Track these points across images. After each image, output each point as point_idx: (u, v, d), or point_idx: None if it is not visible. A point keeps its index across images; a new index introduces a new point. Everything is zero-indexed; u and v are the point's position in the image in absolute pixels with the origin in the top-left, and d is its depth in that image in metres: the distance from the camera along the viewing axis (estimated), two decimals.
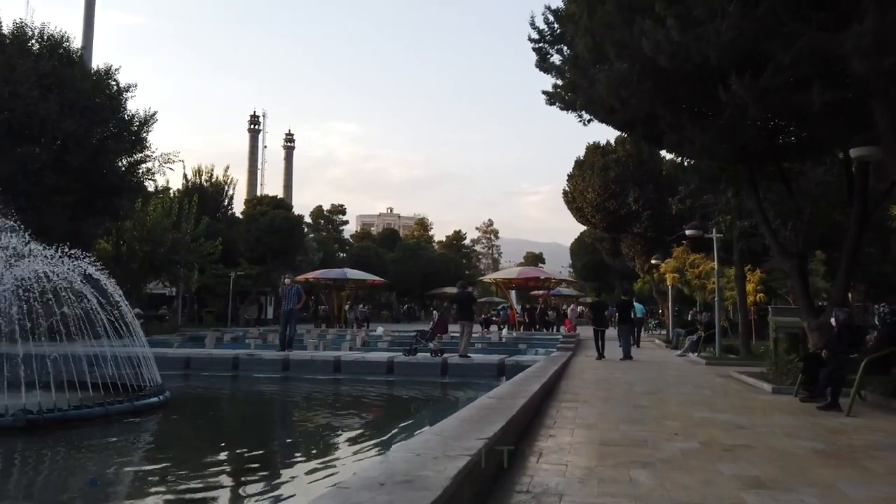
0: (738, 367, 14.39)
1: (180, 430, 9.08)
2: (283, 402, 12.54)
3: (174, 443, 8.46)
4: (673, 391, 9.89)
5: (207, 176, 44.13)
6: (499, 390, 7.05)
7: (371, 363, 14.57)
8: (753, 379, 10.99)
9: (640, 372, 13.20)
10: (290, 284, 16.72)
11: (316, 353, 15.40)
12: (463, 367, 14.38)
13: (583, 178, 28.08)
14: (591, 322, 18.61)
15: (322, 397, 12.62)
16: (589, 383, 10.88)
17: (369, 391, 13.10)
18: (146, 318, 31.74)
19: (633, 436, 5.96)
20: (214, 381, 14.03)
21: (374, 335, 24.63)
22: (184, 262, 30.48)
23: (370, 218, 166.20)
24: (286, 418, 10.97)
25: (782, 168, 12.66)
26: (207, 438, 8.66)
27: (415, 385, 13.74)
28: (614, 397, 9.01)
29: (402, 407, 11.89)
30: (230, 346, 21.05)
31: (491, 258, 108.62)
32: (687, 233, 17.06)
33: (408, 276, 59.14)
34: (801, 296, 11.57)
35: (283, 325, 16.62)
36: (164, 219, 29.84)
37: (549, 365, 11.79)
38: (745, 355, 17.22)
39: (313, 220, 79.47)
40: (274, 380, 14.18)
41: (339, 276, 34.70)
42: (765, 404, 8.54)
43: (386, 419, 10.26)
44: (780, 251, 11.93)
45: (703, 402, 8.59)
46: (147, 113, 26.10)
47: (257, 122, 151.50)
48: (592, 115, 10.56)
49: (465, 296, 15.97)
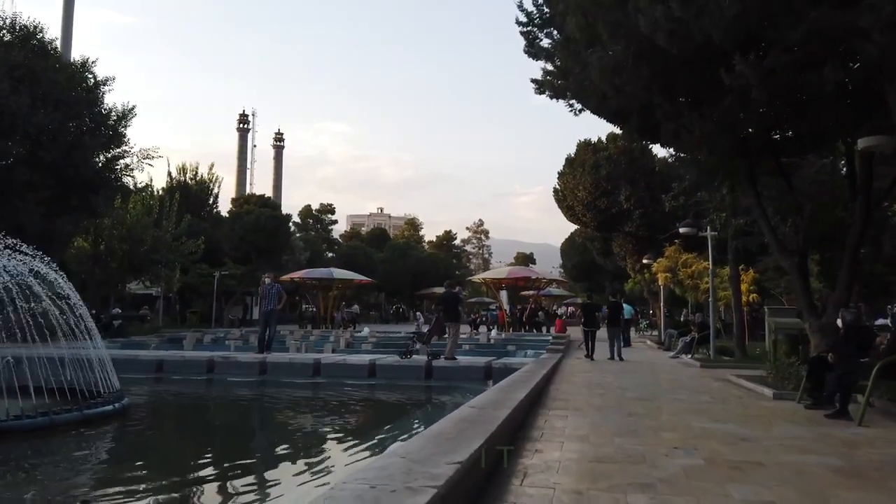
0: (734, 370, 13.86)
1: (131, 443, 8.18)
2: (253, 409, 11.77)
3: (119, 458, 7.46)
4: (668, 397, 9.30)
5: (192, 174, 43.37)
6: (481, 398, 6.42)
7: (352, 366, 13.92)
8: (752, 383, 10.43)
9: (632, 375, 12.63)
10: (270, 284, 16.05)
11: (295, 356, 14.71)
12: (448, 370, 13.75)
13: (574, 176, 27.51)
14: (582, 323, 18.64)
15: (298, 403, 11.94)
16: (580, 388, 10.28)
17: (349, 396, 12.44)
18: (126, 319, 31.00)
19: (629, 450, 5.36)
20: (186, 386, 13.33)
21: (360, 336, 23.96)
22: (165, 262, 29.68)
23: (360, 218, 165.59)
24: (250, 429, 10.06)
25: (781, 163, 12.13)
26: (159, 454, 7.76)
27: (397, 389, 13.10)
28: (607, 404, 8.41)
29: (380, 414, 11.20)
30: (209, 348, 20.32)
31: (481, 258, 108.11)
32: (681, 231, 16.51)
33: (397, 277, 58.43)
34: (801, 295, 11.02)
35: (262, 326, 15.94)
36: (144, 217, 29.05)
37: (537, 368, 11.19)
38: (740, 357, 16.71)
39: (302, 219, 78.63)
40: (249, 384, 13.49)
41: (326, 275, 33.95)
42: (768, 412, 7.96)
43: (359, 430, 9.50)
44: (779, 249, 11.38)
45: (701, 410, 8.01)
46: (125, 107, 25.30)
47: (246, 121, 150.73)
48: (584, 103, 9.97)
49: (451, 296, 15.33)
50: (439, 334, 15.63)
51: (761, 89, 6.76)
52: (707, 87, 8.54)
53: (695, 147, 8.46)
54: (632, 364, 15.74)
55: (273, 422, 10.35)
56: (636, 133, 10.88)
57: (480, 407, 5.74)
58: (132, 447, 7.97)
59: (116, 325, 26.83)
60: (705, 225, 16.99)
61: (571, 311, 58.11)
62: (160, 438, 8.57)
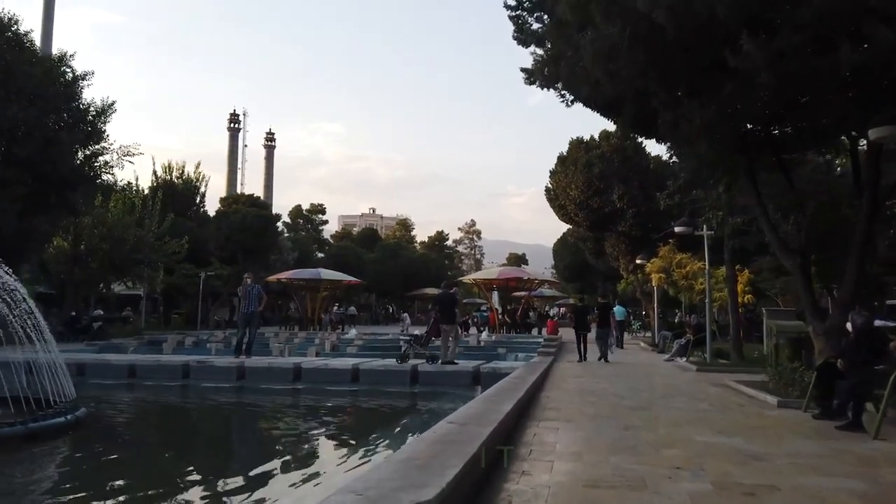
0: (732, 375, 13.32)
1: (79, 464, 7.12)
2: (224, 419, 11.02)
3: (63, 482, 6.43)
4: (666, 405, 8.74)
5: (178, 173, 42.58)
6: (463, 412, 5.83)
7: (334, 371, 13.29)
8: (754, 390, 9.89)
9: (627, 381, 12.07)
10: (251, 284, 15.41)
11: (274, 360, 14.07)
12: (434, 375, 13.15)
13: (566, 174, 26.96)
14: (573, 325, 18.81)
15: (275, 411, 11.28)
16: (572, 395, 9.71)
17: (328, 403, 11.82)
18: (108, 321, 30.22)
19: (627, 471, 4.78)
20: (158, 393, 12.67)
21: (346, 339, 23.33)
22: (148, 262, 28.92)
23: (352, 218, 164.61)
24: (216, 445, 9.17)
25: (782, 159, 11.60)
26: (110, 474, 6.71)
27: (381, 395, 12.50)
28: (601, 414, 7.83)
29: (358, 424, 10.48)
30: (189, 351, 19.64)
31: (473, 259, 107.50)
32: (676, 230, 15.97)
33: (388, 277, 57.73)
34: (804, 297, 10.50)
35: (241, 328, 15.28)
36: (126, 216, 28.28)
37: (527, 374, 10.61)
38: (737, 361, 16.20)
39: (292, 219, 77.82)
40: (225, 390, 12.84)
41: (313, 276, 33.24)
42: (773, 422, 7.40)
43: (331, 446, 8.77)
44: (780, 248, 10.85)
45: (702, 421, 7.44)
46: (105, 102, 24.58)
47: (237, 121, 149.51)
48: (575, 93, 9.40)
49: (447, 297, 14.71)
50: (436, 336, 15.03)
51: (769, 73, 6.21)
52: (707, 76, 7.99)
53: (695, 138, 7.90)
54: (626, 368, 15.20)
55: (242, 435, 9.66)
56: (630, 126, 10.31)
57: (461, 423, 5.14)
58: (79, 468, 7.01)
59: (96, 327, 26.09)
60: (701, 224, 16.47)
61: (563, 311, 57.67)
62: (114, 457, 7.60)
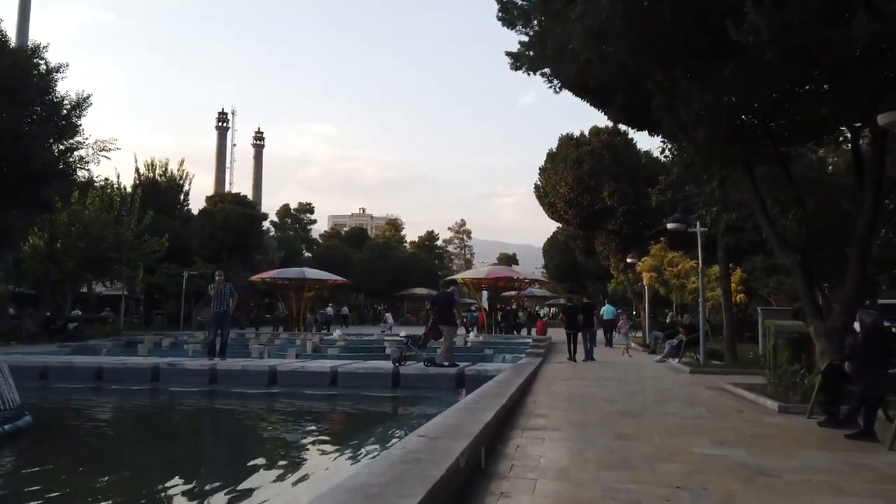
0: (727, 377, 12.82)
1: (9, 485, 6.24)
2: (184, 427, 10.24)
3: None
4: (660, 411, 8.16)
5: (162, 170, 41.73)
6: (437, 423, 5.21)
7: (312, 374, 12.64)
8: (752, 394, 9.34)
9: (618, 384, 11.50)
10: (223, 283, 14.74)
11: (248, 363, 13.40)
12: (417, 378, 12.53)
13: (555, 171, 26.40)
14: (564, 325, 19.12)
15: (241, 418, 10.59)
16: (560, 400, 9.12)
17: (302, 408, 11.17)
18: (86, 321, 29.38)
19: (620, 492, 4.19)
20: (123, 397, 11.98)
21: (329, 339, 22.66)
22: (126, 260, 28.11)
23: (342, 218, 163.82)
24: (172, 457, 8.10)
25: (780, 151, 11.07)
26: (34, 496, 5.76)
27: (360, 400, 11.87)
28: (590, 421, 7.25)
29: (330, 432, 9.74)
30: (165, 353, 18.96)
31: (463, 259, 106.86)
32: (668, 226, 15.44)
33: (376, 277, 57.06)
34: (805, 295, 9.95)
35: (213, 329, 14.60)
36: (103, 213, 27.46)
37: (513, 377, 10.01)
38: (730, 362, 15.70)
39: (280, 219, 77.06)
40: (194, 395, 12.16)
41: (298, 275, 32.49)
42: (777, 431, 6.84)
43: (293, 459, 7.98)
44: (779, 244, 10.30)
45: (701, 429, 6.87)
46: (80, 96, 23.78)
47: (226, 120, 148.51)
48: (563, 77, 8.81)
49: (445, 297, 14.00)
50: (435, 338, 14.31)
51: (775, 48, 5.64)
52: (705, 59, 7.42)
53: (692, 125, 7.33)
54: (617, 369, 14.65)
55: (204, 445, 8.97)
56: (621, 115, 9.72)
57: (432, 437, 4.53)
58: (10, 491, 6.08)
59: (72, 327, 25.28)
60: (694, 220, 15.94)
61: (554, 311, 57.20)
62: (53, 473, 6.65)
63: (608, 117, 11.03)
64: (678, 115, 7.39)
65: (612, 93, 9.25)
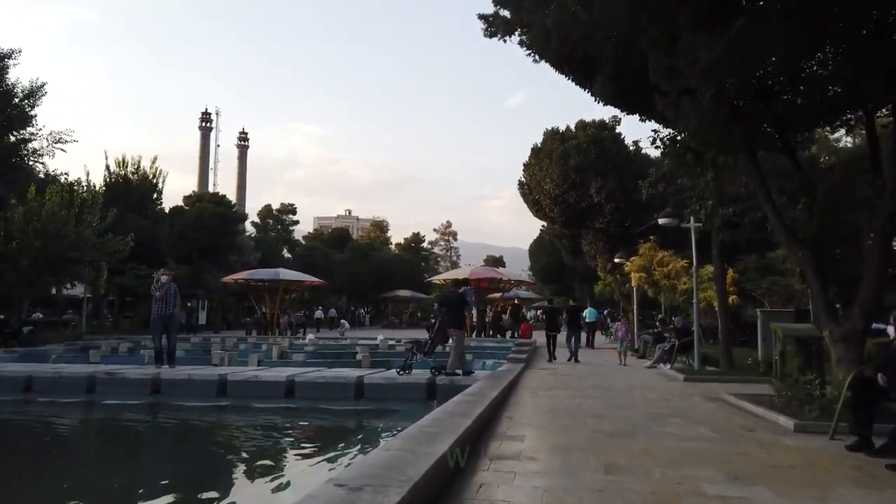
0: (725, 385, 11.68)
1: None
2: (100, 449, 8.80)
3: None
4: (657, 430, 6.94)
5: (134, 168, 40.15)
6: (368, 461, 3.94)
7: (266, 384, 11.30)
8: (760, 408, 8.17)
9: (606, 394, 10.29)
10: (168, 283, 13.41)
11: (196, 371, 12.04)
12: (383, 388, 11.23)
13: (540, 167, 25.20)
14: (545, 327, 19.49)
15: (172, 440, 9.21)
16: (541, 415, 7.89)
17: (250, 423, 9.85)
18: (43, 325, 27.79)
19: None
20: (49, 410, 10.59)
21: (298, 344, 21.29)
22: (89, 260, 26.53)
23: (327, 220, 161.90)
24: (69, 484, 6.81)
25: (785, 135, 9.94)
26: None
27: (318, 413, 10.57)
28: (575, 445, 6.02)
29: (276, 456, 8.29)
30: (120, 359, 17.59)
31: (449, 261, 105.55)
32: (660, 222, 14.30)
33: (359, 279, 55.58)
34: (817, 296, 8.82)
35: (157, 333, 13.22)
36: (63, 210, 25.86)
37: (488, 389, 8.77)
38: (726, 368, 14.56)
39: (261, 219, 75.34)
40: (131, 408, 10.81)
41: (272, 276, 31.02)
42: (802, 459, 5.63)
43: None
44: (787, 238, 9.18)
45: (707, 455, 5.66)
46: (34, 84, 22.36)
47: (209, 120, 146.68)
48: (542, 41, 7.60)
49: (455, 297, 12.37)
50: (443, 343, 12.73)
51: None
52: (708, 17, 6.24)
53: (697, 84, 6.13)
54: (604, 376, 13.46)
55: (110, 474, 7.53)
56: (609, 89, 8.51)
57: (353, 486, 3.24)
58: None
59: (27, 331, 23.76)
60: (688, 215, 14.79)
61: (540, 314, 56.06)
62: None
63: (594, 95, 9.82)
64: (678, 78, 6.19)
65: (598, 63, 8.06)
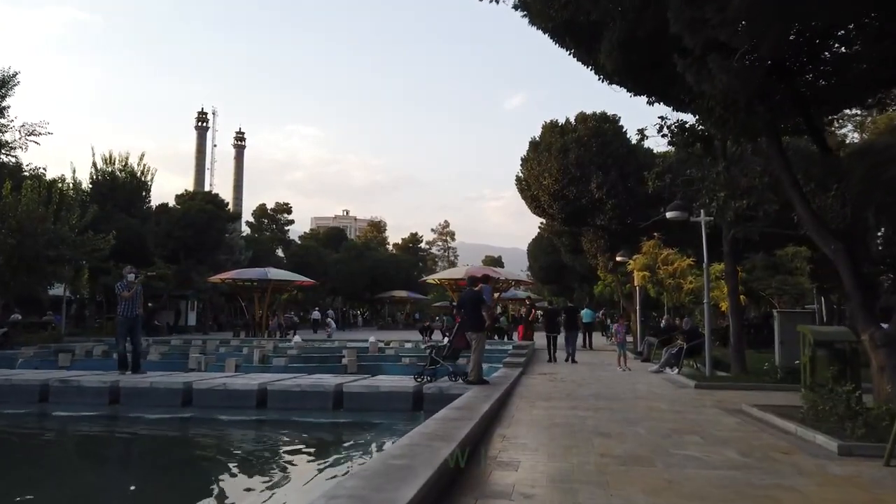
0: (741, 393, 10.67)
1: None
2: (31, 474, 7.60)
3: None
4: (676, 454, 5.86)
5: (122, 164, 39.05)
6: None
7: (235, 393, 10.21)
8: (791, 423, 7.09)
9: (612, 405, 9.21)
10: (135, 282, 12.35)
11: (160, 379, 10.93)
12: (365, 397, 10.14)
13: (538, 161, 24.10)
14: (545, 328, 19.55)
15: (117, 461, 8.10)
16: (538, 434, 6.81)
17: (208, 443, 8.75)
18: (21, 326, 26.72)
19: None
20: None
21: (282, 347, 20.18)
22: (68, 259, 25.43)
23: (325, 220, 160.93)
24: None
25: (810, 116, 8.89)
26: None
27: (289, 427, 9.51)
28: (580, 476, 4.94)
29: (231, 489, 7.23)
30: (92, 364, 16.51)
31: (447, 261, 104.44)
32: (667, 215, 13.22)
33: (354, 279, 54.51)
34: (853, 293, 7.78)
35: (123, 336, 12.15)
36: (40, 206, 24.75)
37: (478, 402, 7.70)
38: (739, 373, 13.50)
39: (256, 219, 74.37)
40: (86, 420, 9.74)
41: (260, 276, 29.91)
42: (862, 495, 4.56)
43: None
44: (817, 229, 8.11)
45: (742, 489, 4.59)
46: (5, 74, 21.30)
47: (205, 120, 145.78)
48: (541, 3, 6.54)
49: (472, 297, 10.82)
50: (463, 346, 11.25)
51: None
52: None
53: (729, 38, 5.06)
54: (608, 382, 12.39)
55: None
56: (617, 57, 7.41)
57: None
58: None
59: (0, 333, 22.66)
60: (697, 209, 13.73)
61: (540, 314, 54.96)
62: None
63: (599, 70, 8.76)
64: (704, 30, 5.12)
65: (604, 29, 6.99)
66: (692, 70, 5.77)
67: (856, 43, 7.85)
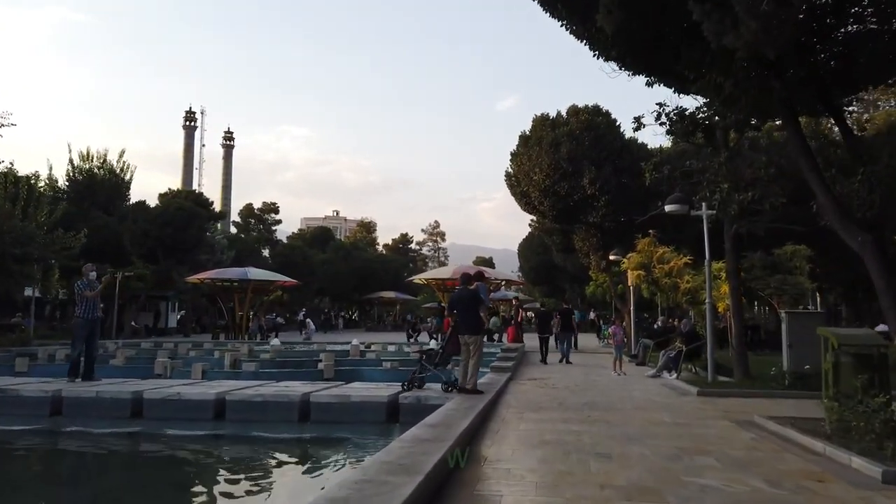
0: (748, 401, 9.81)
1: None
2: None
3: None
4: (691, 485, 4.88)
5: (100, 162, 37.78)
6: None
7: (190, 403, 9.17)
8: (818, 441, 6.15)
9: (609, 416, 8.24)
10: (95, 280, 11.31)
11: (106, 388, 9.85)
12: (334, 408, 9.12)
13: (529, 156, 23.13)
14: (536, 329, 19.55)
15: (42, 486, 7.06)
16: (525, 455, 5.82)
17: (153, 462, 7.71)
18: None
19: None
20: None
21: (258, 350, 19.11)
22: (36, 258, 24.24)
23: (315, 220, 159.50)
24: None
25: (829, 97, 7.97)
26: None
27: (246, 444, 8.46)
28: None
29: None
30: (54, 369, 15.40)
31: (437, 262, 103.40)
32: (667, 209, 12.31)
33: (341, 279, 53.40)
34: (883, 290, 6.85)
35: (80, 339, 11.09)
36: (6, 203, 23.58)
37: (458, 416, 6.71)
38: (742, 379, 12.59)
39: (243, 219, 73.16)
40: (17, 435, 8.67)
41: (239, 276, 28.78)
42: None
43: None
44: (841, 219, 7.19)
45: None
46: None
47: (193, 119, 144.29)
48: None
49: (467, 297, 9.63)
50: (456, 352, 10.02)
51: None
52: None
53: None
54: (604, 389, 11.42)
55: None
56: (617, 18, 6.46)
57: None
58: None
59: None
60: (698, 202, 12.81)
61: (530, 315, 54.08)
62: None
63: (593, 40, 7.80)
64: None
65: None
66: (713, 17, 4.80)
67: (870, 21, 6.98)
